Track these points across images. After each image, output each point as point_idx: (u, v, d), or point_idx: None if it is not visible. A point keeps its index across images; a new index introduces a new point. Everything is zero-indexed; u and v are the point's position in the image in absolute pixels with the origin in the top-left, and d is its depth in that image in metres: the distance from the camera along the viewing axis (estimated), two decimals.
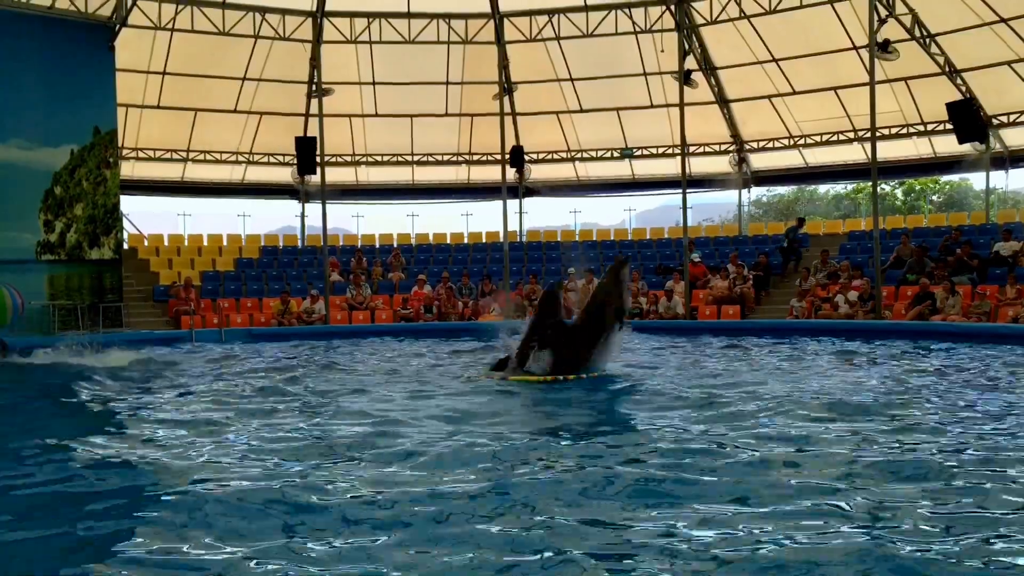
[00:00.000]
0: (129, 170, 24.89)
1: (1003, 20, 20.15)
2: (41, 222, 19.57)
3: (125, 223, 23.55)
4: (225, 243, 26.02)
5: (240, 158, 26.75)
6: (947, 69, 21.81)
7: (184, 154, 26.06)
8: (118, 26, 20.73)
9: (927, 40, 21.39)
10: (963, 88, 21.87)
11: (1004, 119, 22.48)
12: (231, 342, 18.01)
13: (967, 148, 22.43)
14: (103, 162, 20.46)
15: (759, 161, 26.63)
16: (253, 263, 24.78)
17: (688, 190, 22.28)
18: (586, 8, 23.60)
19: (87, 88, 20.00)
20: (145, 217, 26.56)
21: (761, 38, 23.10)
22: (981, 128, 21.67)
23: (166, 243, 25.48)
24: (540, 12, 23.93)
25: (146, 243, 25.14)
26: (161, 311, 21.67)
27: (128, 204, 24.01)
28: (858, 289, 19.09)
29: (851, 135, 24.61)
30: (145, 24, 22.01)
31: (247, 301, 22.13)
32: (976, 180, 31.34)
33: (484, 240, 26.94)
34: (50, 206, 19.72)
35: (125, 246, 23.13)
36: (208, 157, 26.39)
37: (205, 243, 25.87)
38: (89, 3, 20.35)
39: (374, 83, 25.64)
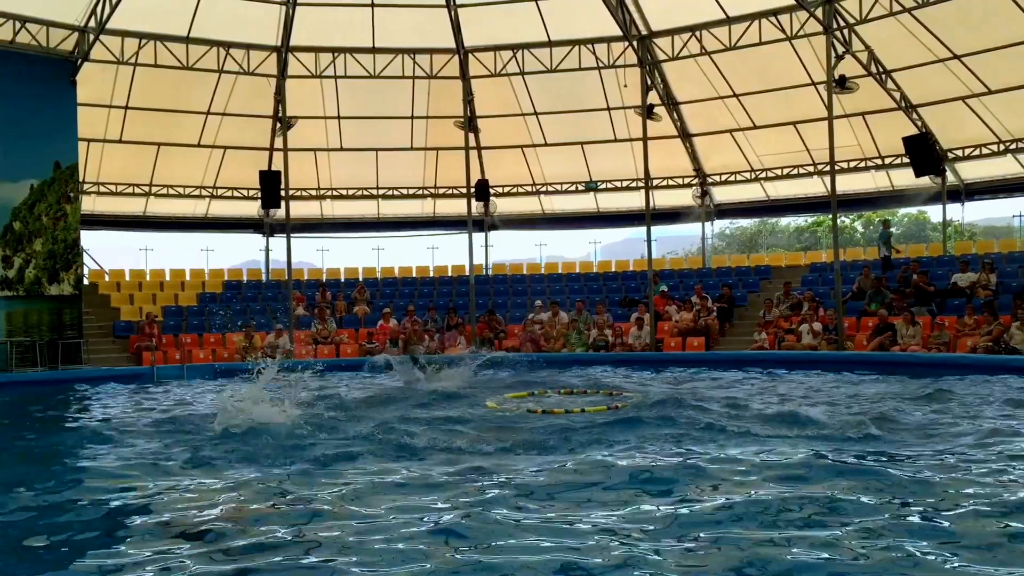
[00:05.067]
0: (90, 205, 24.63)
1: (957, 57, 20.66)
2: None
3: (86, 258, 23.27)
4: (188, 278, 25.73)
5: (204, 192, 26.56)
6: (903, 104, 22.30)
7: (147, 188, 25.81)
8: (80, 61, 20.62)
9: (883, 76, 21.87)
10: (919, 123, 22.38)
11: (959, 153, 22.98)
12: (193, 378, 17.75)
13: (924, 181, 22.89)
14: (63, 197, 20.25)
15: (721, 194, 26.94)
16: (216, 298, 24.50)
17: (652, 223, 22.51)
18: (550, 44, 23.83)
19: (48, 123, 19.84)
20: (106, 252, 26.36)
21: (722, 74, 23.46)
22: (937, 161, 22.18)
23: (127, 278, 25.13)
24: (504, 47, 24.13)
25: (107, 278, 24.79)
26: (122, 347, 21.36)
27: (89, 239, 23.83)
28: (825, 320, 19.31)
29: (811, 168, 25.03)
30: (108, 59, 21.87)
31: (210, 336, 21.87)
32: (934, 213, 31.90)
33: (450, 273, 26.89)
34: (8, 241, 19.46)
35: (85, 281, 22.81)
36: (171, 191, 26.15)
37: (167, 278, 25.54)
38: (51, 38, 20.23)
39: (339, 117, 25.65)
